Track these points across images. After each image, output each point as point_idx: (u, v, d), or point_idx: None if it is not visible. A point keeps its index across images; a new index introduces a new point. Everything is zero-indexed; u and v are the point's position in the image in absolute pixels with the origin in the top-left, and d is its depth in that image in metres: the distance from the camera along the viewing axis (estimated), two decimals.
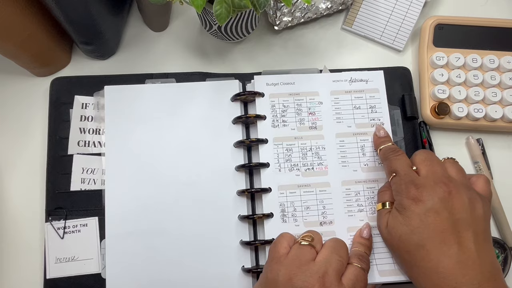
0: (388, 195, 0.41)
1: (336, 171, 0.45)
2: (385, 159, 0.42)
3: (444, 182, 0.37)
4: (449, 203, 0.36)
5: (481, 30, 0.51)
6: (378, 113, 0.47)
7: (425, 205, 0.36)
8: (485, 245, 0.36)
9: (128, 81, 0.48)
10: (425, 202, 0.36)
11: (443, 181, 0.37)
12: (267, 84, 0.47)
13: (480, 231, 0.36)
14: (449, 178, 0.38)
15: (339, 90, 0.48)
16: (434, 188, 0.37)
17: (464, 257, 0.35)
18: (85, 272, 0.44)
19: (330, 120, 0.47)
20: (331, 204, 0.44)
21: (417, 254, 0.36)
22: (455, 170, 0.39)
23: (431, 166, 0.39)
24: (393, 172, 0.40)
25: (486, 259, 0.35)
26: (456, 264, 0.35)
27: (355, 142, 0.46)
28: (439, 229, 0.36)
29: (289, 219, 0.43)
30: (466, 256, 0.35)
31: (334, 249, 0.37)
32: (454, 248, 0.35)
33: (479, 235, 0.36)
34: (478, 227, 0.36)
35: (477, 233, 0.36)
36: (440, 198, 0.36)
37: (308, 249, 0.37)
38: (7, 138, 0.49)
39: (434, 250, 0.35)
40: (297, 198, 0.44)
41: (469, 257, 0.35)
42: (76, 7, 0.42)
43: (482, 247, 0.36)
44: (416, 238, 0.36)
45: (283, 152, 0.45)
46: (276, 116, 0.46)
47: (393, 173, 0.40)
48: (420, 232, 0.36)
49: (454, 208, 0.36)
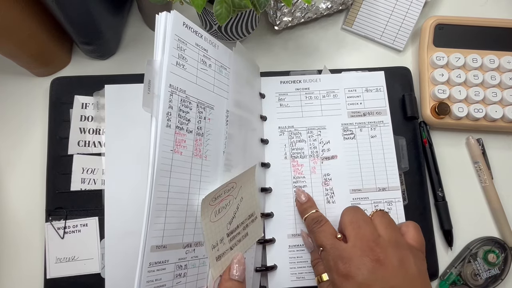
0: (323, 266, 0.40)
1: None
2: (311, 232, 0.42)
3: (371, 249, 0.35)
4: (379, 272, 0.34)
5: (481, 30, 0.51)
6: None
7: (356, 280, 0.35)
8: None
9: (128, 81, 0.47)
10: (355, 278, 0.35)
11: (370, 247, 0.36)
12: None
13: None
14: (376, 241, 0.36)
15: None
16: (362, 259, 0.35)
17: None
18: (85, 272, 0.44)
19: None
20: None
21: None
22: (383, 226, 0.38)
23: (358, 229, 0.37)
24: (320, 246, 0.39)
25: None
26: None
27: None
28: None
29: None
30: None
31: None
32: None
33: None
34: (414, 286, 0.35)
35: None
36: (369, 270, 0.35)
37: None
38: (7, 138, 0.49)
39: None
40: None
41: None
42: (76, 7, 0.42)
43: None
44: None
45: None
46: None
47: (320, 247, 0.39)
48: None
49: (386, 276, 0.34)
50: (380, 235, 0.37)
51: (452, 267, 0.46)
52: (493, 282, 0.46)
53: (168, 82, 0.33)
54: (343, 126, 0.48)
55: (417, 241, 0.38)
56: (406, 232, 0.39)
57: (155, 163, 0.32)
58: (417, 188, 0.47)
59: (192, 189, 0.36)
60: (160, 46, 0.34)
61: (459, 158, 0.51)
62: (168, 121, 0.34)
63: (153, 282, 0.32)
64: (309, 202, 0.44)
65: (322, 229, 0.40)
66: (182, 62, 0.35)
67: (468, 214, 0.49)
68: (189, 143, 0.36)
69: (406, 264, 0.35)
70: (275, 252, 0.44)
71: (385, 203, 0.46)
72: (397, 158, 0.47)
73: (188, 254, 0.36)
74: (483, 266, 0.46)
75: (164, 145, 0.33)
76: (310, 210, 0.43)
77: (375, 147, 0.47)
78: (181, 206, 0.35)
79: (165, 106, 0.33)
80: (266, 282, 0.44)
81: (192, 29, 0.36)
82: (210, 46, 0.39)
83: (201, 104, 0.37)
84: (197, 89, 0.37)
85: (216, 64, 0.40)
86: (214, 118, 0.39)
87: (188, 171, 0.36)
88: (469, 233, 0.48)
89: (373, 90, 0.49)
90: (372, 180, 0.46)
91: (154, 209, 0.32)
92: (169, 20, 0.34)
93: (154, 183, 0.32)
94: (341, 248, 0.37)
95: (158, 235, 0.33)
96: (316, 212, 0.43)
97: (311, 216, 0.42)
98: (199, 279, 0.37)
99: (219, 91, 0.40)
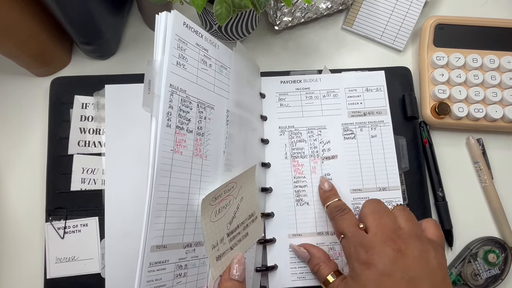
0: (327, 267, 0.41)
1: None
2: (332, 219, 0.42)
3: (392, 239, 0.36)
4: (400, 262, 0.35)
5: (481, 30, 0.51)
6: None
7: (377, 269, 0.35)
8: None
9: (128, 81, 0.47)
10: (376, 266, 0.35)
11: (391, 238, 0.36)
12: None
13: (438, 282, 0.35)
14: (398, 232, 0.36)
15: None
16: (383, 248, 0.35)
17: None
18: (85, 272, 0.44)
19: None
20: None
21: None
22: (404, 219, 0.38)
23: (379, 219, 0.38)
24: (341, 233, 0.39)
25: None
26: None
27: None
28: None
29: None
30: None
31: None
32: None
33: (438, 287, 0.35)
34: (435, 279, 0.35)
35: (435, 285, 0.35)
36: (390, 259, 0.35)
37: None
38: (7, 138, 0.49)
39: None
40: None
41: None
42: (76, 7, 0.42)
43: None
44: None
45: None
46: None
47: (341, 234, 0.39)
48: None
49: (406, 266, 0.35)
50: (401, 227, 0.37)
51: (452, 267, 0.46)
52: (493, 282, 0.46)
53: (168, 82, 0.33)
54: (343, 126, 0.48)
55: (438, 236, 0.39)
56: (426, 228, 0.39)
57: (155, 163, 0.32)
58: (417, 188, 0.47)
59: (192, 189, 0.36)
60: (160, 46, 0.34)
61: (459, 158, 0.51)
62: (168, 121, 0.34)
63: (153, 282, 0.32)
64: (333, 190, 0.45)
65: (345, 217, 0.40)
66: (183, 62, 0.35)
67: (468, 214, 0.49)
68: (189, 143, 0.36)
69: (426, 256, 0.36)
70: (275, 252, 0.44)
71: (386, 203, 0.45)
72: (397, 158, 0.47)
73: (188, 254, 0.36)
74: (483, 266, 0.46)
75: (164, 145, 0.33)
76: (333, 198, 0.43)
77: (375, 147, 0.47)
78: (181, 206, 0.35)
79: (165, 106, 0.33)
80: (267, 282, 0.44)
81: (193, 29, 0.36)
82: (210, 46, 0.39)
83: (201, 104, 0.37)
84: (198, 89, 0.37)
85: (217, 64, 0.40)
86: (214, 118, 0.39)
87: (189, 171, 0.36)
88: (469, 233, 0.48)
89: (373, 90, 0.49)
90: (373, 180, 0.46)
91: (154, 209, 0.32)
92: (169, 20, 0.34)
93: (154, 183, 0.32)
94: (363, 236, 0.37)
95: (158, 235, 0.33)
96: (339, 201, 0.43)
97: (334, 204, 0.42)
98: (199, 279, 0.37)
99: (219, 91, 0.40)
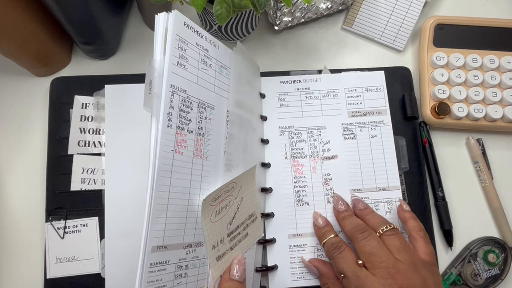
0: (336, 287, 0.40)
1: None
2: (331, 258, 0.41)
3: (393, 277, 0.35)
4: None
5: (481, 30, 0.51)
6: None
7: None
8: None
9: (128, 81, 0.47)
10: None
11: (391, 274, 0.36)
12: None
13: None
14: (396, 267, 0.36)
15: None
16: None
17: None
18: (85, 272, 0.44)
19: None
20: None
21: None
22: (396, 249, 0.38)
23: (373, 256, 0.37)
24: (341, 273, 0.38)
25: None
26: None
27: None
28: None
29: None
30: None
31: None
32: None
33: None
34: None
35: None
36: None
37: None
38: (7, 138, 0.49)
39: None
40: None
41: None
42: (76, 7, 0.42)
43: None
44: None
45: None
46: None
47: (341, 274, 0.38)
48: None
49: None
50: (397, 259, 0.37)
51: (452, 267, 0.46)
52: (493, 282, 0.46)
53: (169, 82, 0.33)
54: (343, 126, 0.48)
55: (428, 254, 0.39)
56: (416, 247, 0.39)
57: (155, 163, 0.32)
58: (417, 188, 0.47)
59: (192, 189, 0.36)
60: (159, 46, 0.34)
61: (459, 158, 0.51)
62: (169, 121, 0.33)
63: (154, 283, 0.32)
64: (328, 226, 0.43)
65: (342, 255, 0.39)
66: (183, 62, 0.35)
67: (468, 214, 0.49)
68: (190, 143, 0.36)
69: (427, 284, 0.36)
70: (275, 252, 0.44)
71: (385, 203, 0.46)
72: (397, 158, 0.47)
73: (188, 254, 0.36)
74: (483, 266, 0.46)
75: (165, 145, 0.33)
76: (329, 235, 0.42)
77: (375, 147, 0.47)
78: (182, 206, 0.35)
79: (166, 106, 0.33)
80: (267, 282, 0.44)
81: (193, 29, 0.36)
82: (211, 46, 0.39)
83: (202, 104, 0.37)
84: (198, 89, 0.37)
85: (217, 64, 0.40)
86: (214, 118, 0.39)
87: (189, 171, 0.36)
88: (469, 233, 0.48)
89: (373, 90, 0.49)
90: (372, 180, 0.46)
91: (155, 209, 0.32)
92: (170, 20, 0.34)
93: (155, 183, 0.32)
94: (363, 276, 0.36)
95: (159, 235, 0.33)
96: (335, 237, 0.42)
97: (330, 241, 0.41)
98: (200, 279, 0.37)
99: (219, 91, 0.40)
